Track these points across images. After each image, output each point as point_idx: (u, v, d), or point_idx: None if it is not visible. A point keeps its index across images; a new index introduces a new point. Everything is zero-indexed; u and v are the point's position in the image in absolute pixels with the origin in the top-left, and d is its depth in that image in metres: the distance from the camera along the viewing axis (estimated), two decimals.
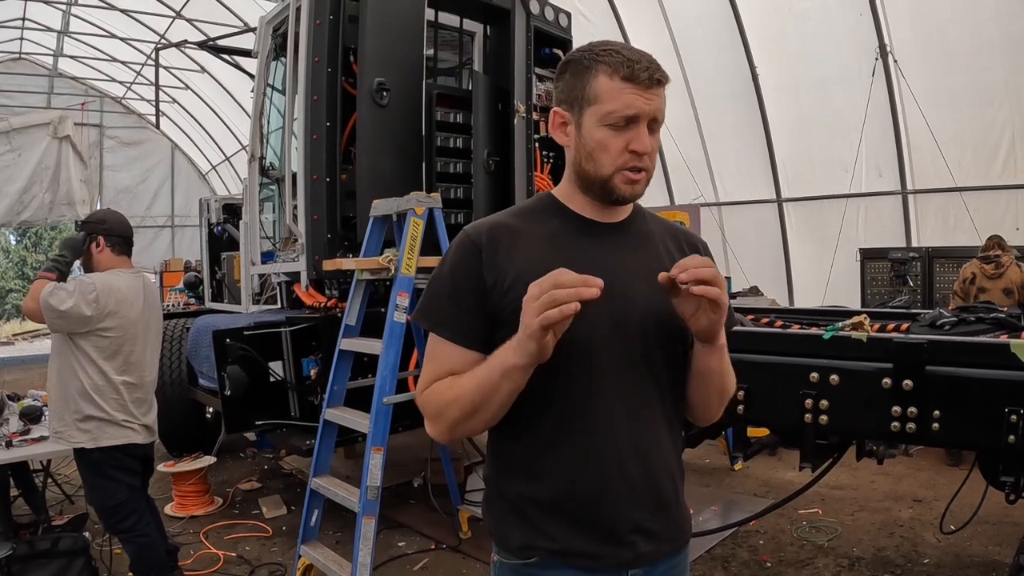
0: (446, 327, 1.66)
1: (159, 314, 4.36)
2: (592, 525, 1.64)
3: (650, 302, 1.65)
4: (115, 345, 3.95)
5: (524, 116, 5.61)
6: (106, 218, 4.18)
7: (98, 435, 3.91)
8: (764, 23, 9.58)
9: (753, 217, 10.87)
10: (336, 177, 5.09)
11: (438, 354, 1.68)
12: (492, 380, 1.53)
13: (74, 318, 3.81)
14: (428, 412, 1.69)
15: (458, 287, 1.66)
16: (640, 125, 1.61)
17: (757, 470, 6.88)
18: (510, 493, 1.70)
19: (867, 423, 3.10)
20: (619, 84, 1.59)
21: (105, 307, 3.87)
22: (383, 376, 4.12)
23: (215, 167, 23.06)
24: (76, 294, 3.80)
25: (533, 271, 1.52)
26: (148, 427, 4.14)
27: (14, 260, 42.56)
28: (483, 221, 1.74)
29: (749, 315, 4.08)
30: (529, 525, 1.66)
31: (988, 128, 8.36)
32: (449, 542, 5.28)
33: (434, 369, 1.68)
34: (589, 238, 1.71)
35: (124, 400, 3.97)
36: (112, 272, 4.06)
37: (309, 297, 5.33)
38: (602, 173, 1.64)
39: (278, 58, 5.98)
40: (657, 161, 8.06)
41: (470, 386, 1.57)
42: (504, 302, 1.61)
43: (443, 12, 5.82)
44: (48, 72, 20.71)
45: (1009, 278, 7.05)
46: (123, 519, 4.02)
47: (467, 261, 1.66)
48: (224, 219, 7.50)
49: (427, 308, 1.71)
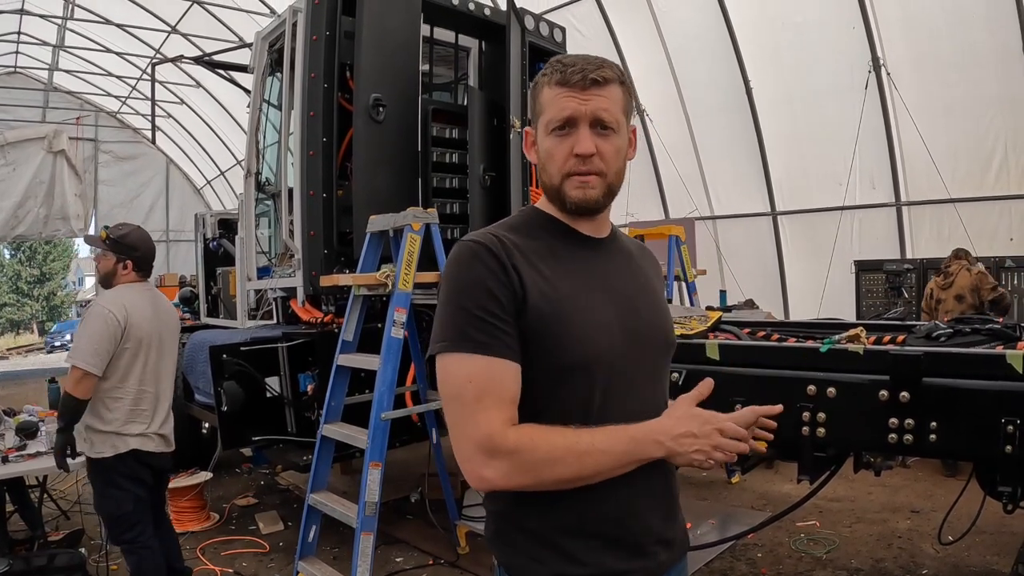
0: (495, 345, 1.51)
1: (174, 326, 4.40)
2: (619, 541, 1.61)
3: (652, 315, 1.69)
4: (131, 355, 3.99)
5: (519, 131, 5.63)
6: (138, 245, 4.18)
7: (116, 443, 3.95)
8: (758, 37, 9.64)
9: (748, 230, 10.89)
10: (332, 193, 5.11)
11: (494, 379, 1.51)
12: (626, 460, 1.52)
13: (107, 354, 3.89)
14: (523, 456, 1.48)
15: (492, 297, 1.52)
16: (580, 127, 1.59)
17: (754, 483, 6.88)
18: (530, 524, 1.61)
19: (864, 435, 3.11)
20: (555, 91, 1.61)
21: (125, 319, 3.94)
22: (381, 392, 4.12)
23: (210, 182, 23.06)
24: (97, 340, 3.86)
25: (554, 287, 1.57)
26: (164, 437, 4.16)
27: (8, 274, 42.51)
28: (482, 233, 1.64)
29: (745, 329, 4.09)
30: (556, 554, 1.59)
31: (981, 139, 8.40)
32: (447, 557, 5.27)
33: (498, 402, 1.50)
34: (589, 252, 1.70)
35: (139, 409, 4.02)
36: (123, 287, 4.13)
37: (306, 312, 5.34)
38: (553, 182, 1.64)
39: (274, 74, 6.01)
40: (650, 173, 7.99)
41: (601, 447, 1.49)
42: (530, 319, 1.55)
43: (439, 28, 5.86)
44: (43, 86, 20.73)
45: (959, 284, 7.18)
46: (127, 530, 4.03)
47: (492, 270, 1.54)
48: (220, 234, 7.51)
49: (459, 330, 1.52)
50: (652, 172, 11.39)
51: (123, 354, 3.96)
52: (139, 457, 4.02)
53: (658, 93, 10.65)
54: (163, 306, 4.31)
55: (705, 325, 4.05)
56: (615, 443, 1.50)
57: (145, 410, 4.05)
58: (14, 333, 41.96)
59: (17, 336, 41.20)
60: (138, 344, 4.01)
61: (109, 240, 4.11)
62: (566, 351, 1.55)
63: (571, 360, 1.56)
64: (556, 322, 1.55)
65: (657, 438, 1.51)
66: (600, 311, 1.62)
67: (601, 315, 1.61)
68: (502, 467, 1.48)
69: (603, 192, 1.64)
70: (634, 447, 1.51)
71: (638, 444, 1.51)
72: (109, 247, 4.13)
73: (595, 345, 1.57)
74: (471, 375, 1.50)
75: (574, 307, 1.58)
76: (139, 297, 4.11)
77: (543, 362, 1.56)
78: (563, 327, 1.56)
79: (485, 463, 1.49)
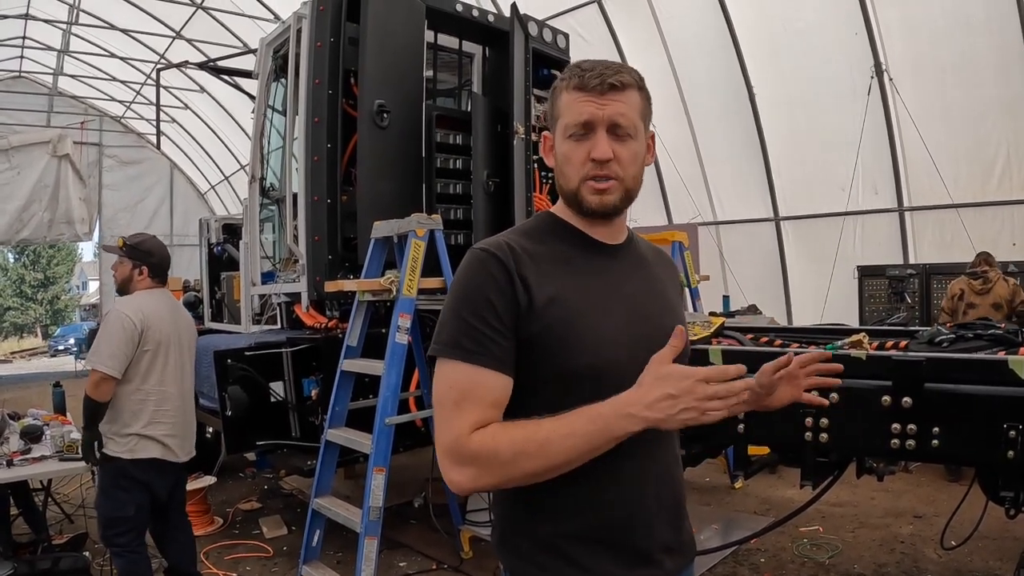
0: (483, 354, 1.52)
1: (192, 331, 4.53)
2: (625, 549, 1.61)
3: (664, 323, 1.63)
4: (151, 357, 4.09)
5: (523, 137, 5.65)
6: (153, 251, 4.32)
7: (135, 446, 4.02)
8: (760, 42, 9.64)
9: (751, 235, 10.88)
10: (337, 198, 5.13)
11: (476, 386, 1.53)
12: (597, 441, 1.44)
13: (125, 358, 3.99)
14: (485, 455, 1.49)
15: (490, 308, 1.54)
16: (598, 132, 1.58)
17: (757, 488, 6.88)
18: (535, 531, 1.62)
19: (867, 440, 3.11)
20: (574, 95, 1.61)
21: (143, 322, 4.04)
22: (385, 397, 4.14)
23: (214, 187, 23.09)
24: (115, 343, 3.95)
25: (565, 294, 1.57)
26: (184, 440, 4.28)
27: (12, 278, 42.59)
28: (494, 240, 1.64)
29: (748, 334, 4.10)
30: (562, 560, 1.59)
31: (983, 144, 8.40)
32: (450, 562, 5.27)
33: (475, 407, 1.51)
34: (603, 259, 1.69)
35: (162, 410, 4.11)
36: (141, 293, 4.23)
37: (310, 318, 5.36)
38: (571, 186, 1.64)
39: (278, 79, 6.03)
40: (653, 179, 7.98)
41: (564, 432, 1.44)
42: (538, 326, 1.55)
43: (442, 34, 5.88)
44: (48, 91, 20.77)
45: (997, 293, 7.12)
46: (121, 534, 4.05)
47: (496, 279, 1.55)
48: (224, 239, 7.53)
49: (453, 336, 1.55)
50: (655, 177, 11.39)
51: (143, 357, 4.06)
52: (156, 465, 4.09)
53: (661, 98, 10.55)
54: (180, 311, 4.49)
55: (708, 331, 4.06)
56: (578, 425, 1.44)
57: (168, 411, 4.13)
58: (18, 337, 42.05)
59: (21, 340, 41.30)
60: (157, 346, 4.10)
61: (126, 247, 4.28)
62: (572, 358, 1.56)
63: (577, 367, 1.56)
64: (563, 329, 1.56)
65: (628, 411, 1.41)
66: (610, 319, 1.61)
67: (611, 323, 1.61)
68: (468, 471, 1.50)
69: (620, 197, 1.63)
70: (603, 425, 1.43)
71: (607, 421, 1.43)
72: (126, 253, 4.28)
73: (603, 353, 1.57)
74: (453, 382, 1.54)
75: (582, 314, 1.58)
76: (156, 301, 4.22)
77: (548, 369, 1.56)
78: (570, 334, 1.56)
79: (452, 467, 1.52)
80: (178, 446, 4.20)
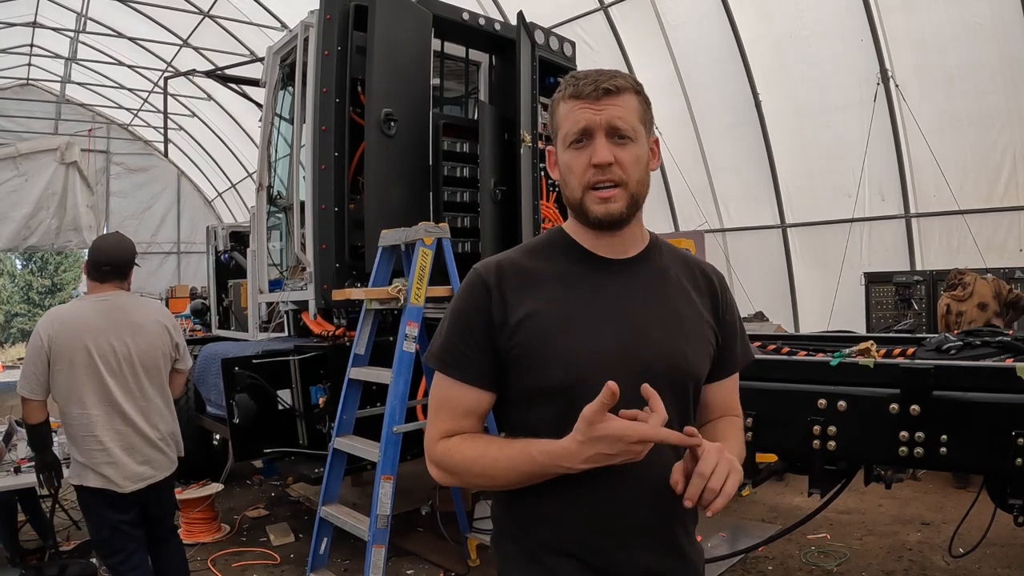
0: (458, 368, 1.64)
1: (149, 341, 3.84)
2: (598, 569, 1.60)
3: (663, 342, 1.62)
4: (65, 377, 3.63)
5: (530, 145, 5.67)
6: (93, 247, 3.97)
7: (81, 474, 3.69)
8: (766, 50, 9.65)
9: (757, 243, 10.88)
10: (344, 207, 5.15)
11: (450, 398, 1.66)
12: (534, 471, 1.53)
13: (35, 377, 3.62)
14: (444, 465, 1.65)
15: (468, 326, 1.64)
16: (596, 137, 1.58)
17: (765, 496, 6.86)
18: (518, 535, 1.67)
19: (875, 448, 3.11)
20: (570, 104, 1.62)
21: (50, 339, 3.62)
22: (393, 405, 4.15)
23: (221, 194, 23.15)
24: (27, 361, 3.64)
25: (545, 311, 1.58)
26: (119, 471, 3.70)
27: (20, 285, 42.71)
28: (493, 259, 1.72)
29: (756, 342, 4.10)
30: (539, 568, 1.62)
31: (989, 151, 8.39)
32: (457, 570, 5.27)
33: (448, 416, 1.66)
34: (603, 276, 1.67)
35: (85, 440, 3.66)
36: (81, 298, 3.95)
37: (317, 326, 5.37)
38: (575, 196, 1.63)
39: (286, 88, 6.05)
40: (660, 186, 7.99)
41: (504, 464, 1.56)
42: (512, 342, 1.61)
43: (449, 42, 5.90)
44: (56, 98, 20.86)
45: (979, 292, 7.14)
46: (108, 555, 3.86)
47: (476, 299, 1.64)
48: (231, 246, 7.57)
49: (438, 350, 1.68)
50: (662, 185, 11.40)
51: (57, 376, 3.61)
52: (102, 495, 3.69)
53: (667, 105, 10.65)
54: (127, 318, 3.78)
55: None
56: (518, 463, 1.54)
57: (96, 436, 3.65)
58: (25, 343, 42.14)
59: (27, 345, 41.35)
60: (69, 364, 3.61)
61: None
62: (541, 374, 1.59)
63: (546, 383, 1.59)
64: (536, 345, 1.59)
65: (562, 463, 1.48)
66: (593, 336, 1.60)
67: (592, 340, 1.60)
68: (435, 472, 1.68)
69: (626, 204, 1.61)
70: (538, 469, 1.52)
71: (542, 468, 1.51)
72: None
73: (573, 370, 1.56)
74: (434, 392, 1.71)
75: (560, 331, 1.60)
76: (86, 308, 3.75)
77: (523, 383, 1.62)
78: (542, 351, 1.59)
79: (428, 464, 1.69)
80: (117, 475, 3.68)
